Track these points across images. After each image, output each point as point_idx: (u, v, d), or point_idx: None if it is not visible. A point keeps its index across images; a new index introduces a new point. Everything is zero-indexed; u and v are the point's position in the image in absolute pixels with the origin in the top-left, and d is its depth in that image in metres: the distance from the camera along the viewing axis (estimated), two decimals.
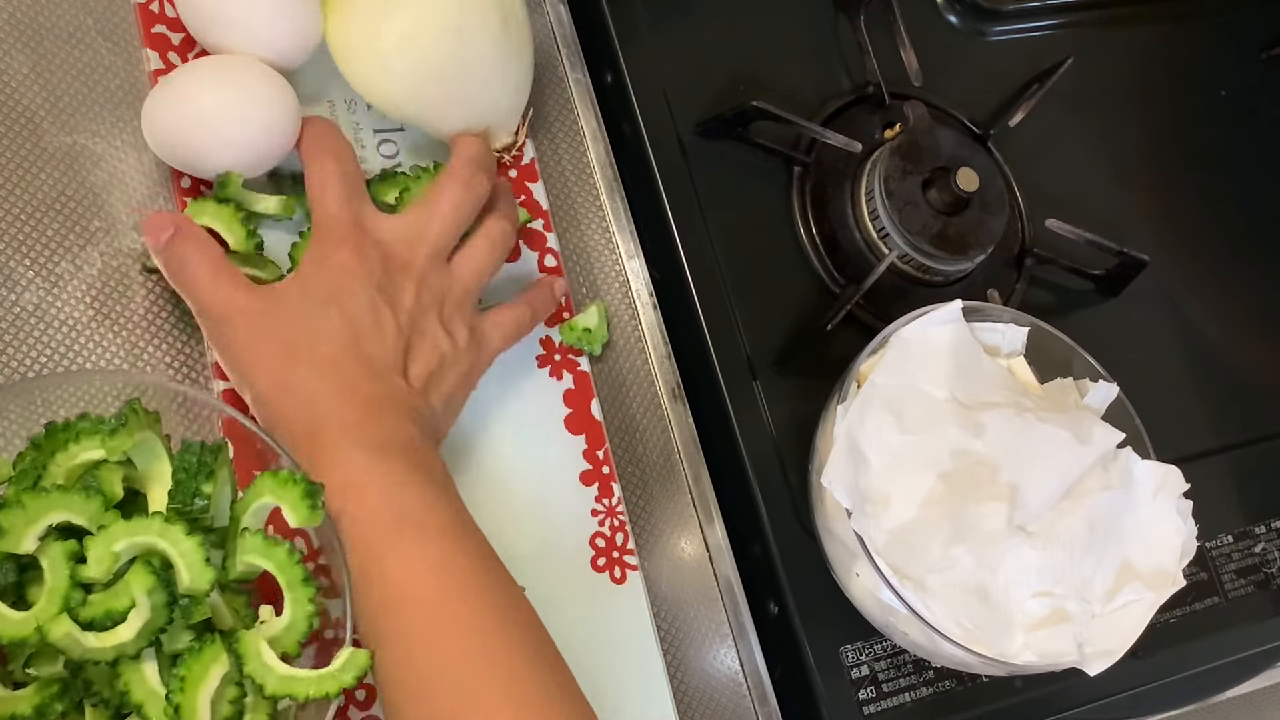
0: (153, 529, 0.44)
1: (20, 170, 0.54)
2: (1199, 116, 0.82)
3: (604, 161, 0.65)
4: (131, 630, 0.43)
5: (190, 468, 0.46)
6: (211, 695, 0.44)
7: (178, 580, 0.44)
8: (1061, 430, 0.55)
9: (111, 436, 0.45)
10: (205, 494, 0.46)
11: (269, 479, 0.46)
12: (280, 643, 0.45)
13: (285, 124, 0.53)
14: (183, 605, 0.44)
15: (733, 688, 0.60)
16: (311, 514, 0.45)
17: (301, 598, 0.46)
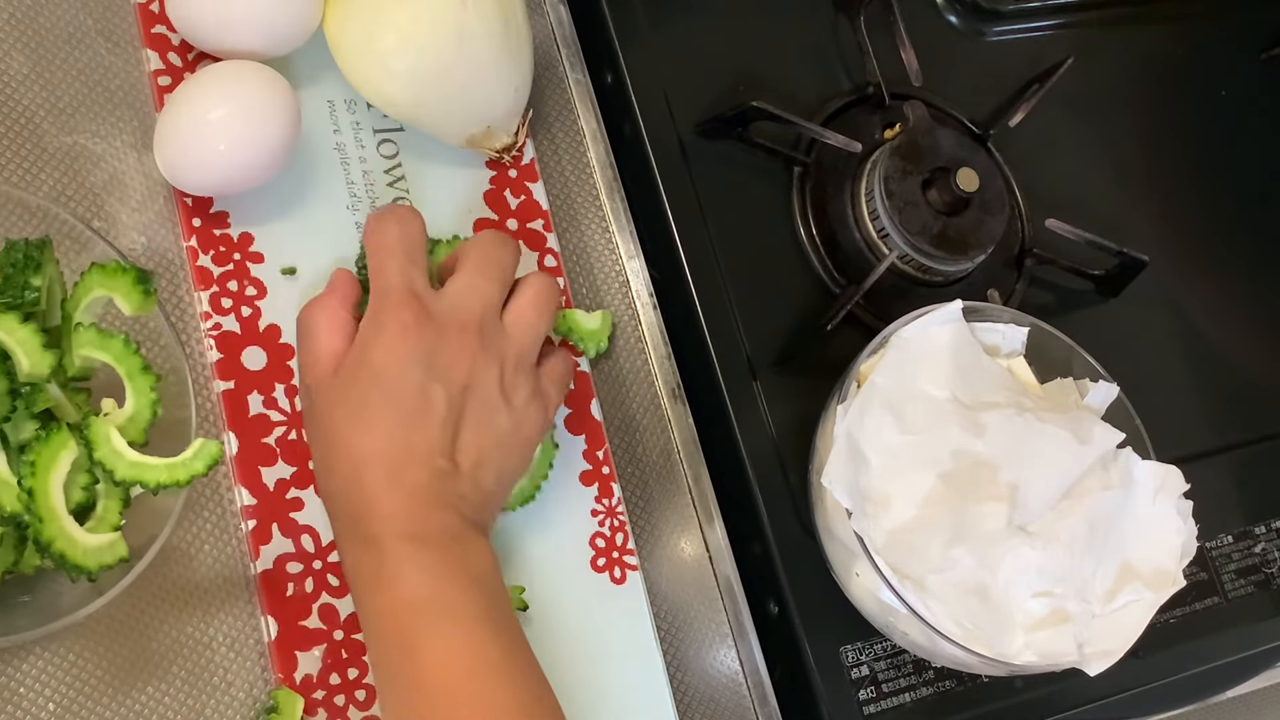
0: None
1: (20, 170, 0.54)
2: (1199, 116, 0.82)
3: (604, 161, 0.65)
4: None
5: (18, 263, 0.46)
6: (63, 481, 0.45)
7: (17, 369, 0.44)
8: (1061, 430, 0.55)
9: None
10: (35, 286, 0.46)
11: (97, 271, 0.46)
12: (127, 431, 0.46)
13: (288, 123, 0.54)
14: (25, 393, 0.45)
15: (733, 688, 0.60)
16: (145, 301, 0.46)
17: (143, 386, 0.46)
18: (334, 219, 0.58)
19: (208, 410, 0.54)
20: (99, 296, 0.47)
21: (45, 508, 0.44)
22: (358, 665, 0.52)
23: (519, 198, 0.62)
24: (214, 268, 0.55)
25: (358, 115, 0.60)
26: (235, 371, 0.54)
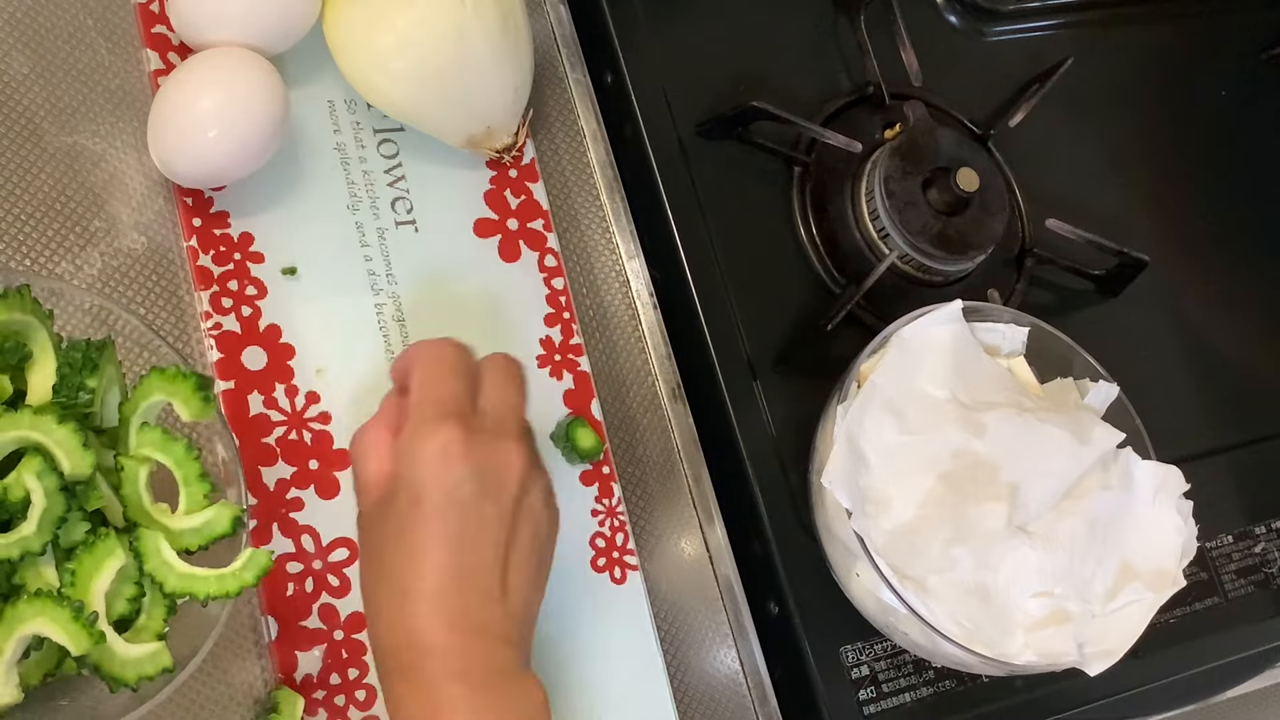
0: (23, 422, 0.43)
1: (20, 170, 0.54)
2: (1199, 116, 0.82)
3: (604, 161, 0.65)
4: (33, 523, 0.43)
5: (75, 362, 0.45)
6: (106, 589, 0.44)
7: (60, 469, 0.43)
8: (1061, 430, 0.55)
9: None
10: (90, 388, 0.45)
11: (157, 375, 0.46)
12: (179, 540, 0.45)
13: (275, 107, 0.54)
14: (79, 491, 0.44)
15: (733, 688, 0.60)
16: (204, 407, 0.45)
17: (197, 494, 0.46)
18: (334, 219, 0.58)
19: None
20: (157, 400, 0.46)
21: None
22: (358, 665, 0.52)
23: (519, 198, 0.62)
24: (214, 268, 0.55)
25: (358, 115, 0.60)
26: (235, 371, 0.54)
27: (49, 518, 0.43)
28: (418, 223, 0.60)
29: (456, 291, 0.60)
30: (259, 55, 0.54)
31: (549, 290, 0.61)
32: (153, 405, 0.47)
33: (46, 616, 0.42)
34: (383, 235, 0.59)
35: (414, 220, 0.60)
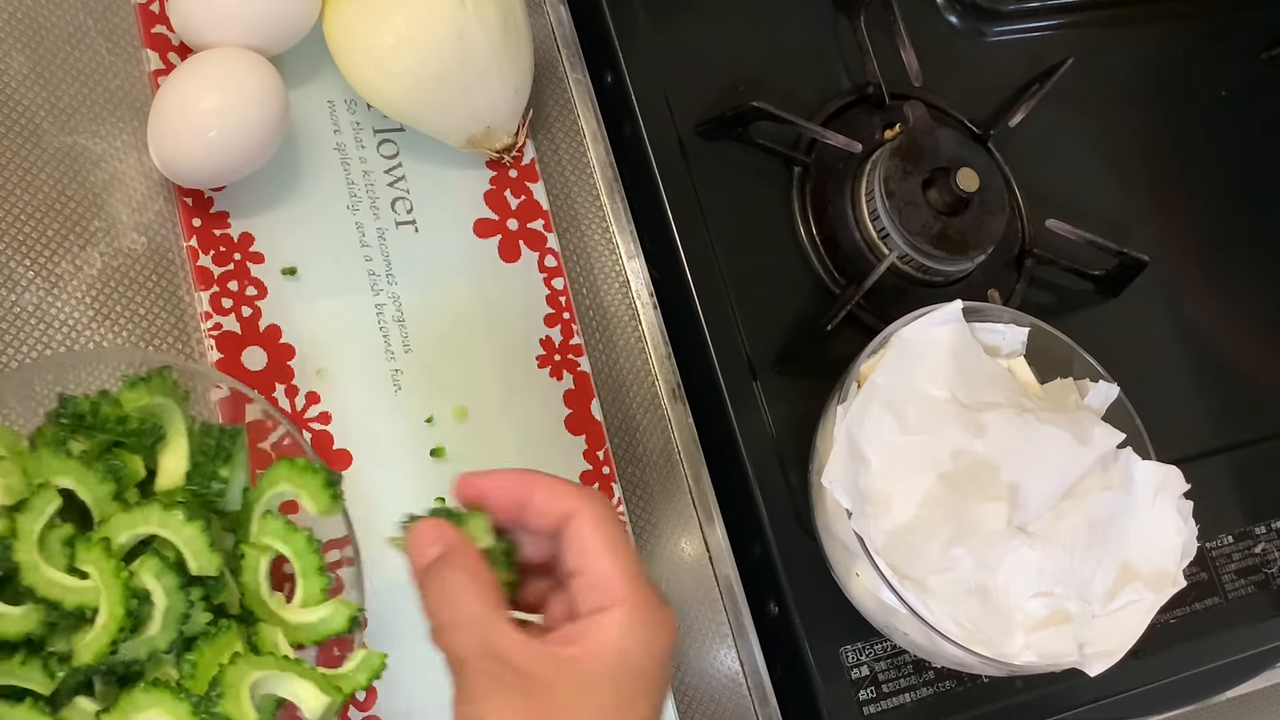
0: (152, 518, 0.43)
1: (20, 170, 0.54)
2: (1199, 116, 0.82)
3: (604, 161, 0.65)
4: (157, 623, 0.43)
5: (209, 450, 0.45)
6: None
7: (185, 566, 0.43)
8: (1062, 430, 0.55)
9: (131, 388, 0.44)
10: (222, 478, 0.45)
11: (286, 466, 0.45)
12: (294, 634, 0.45)
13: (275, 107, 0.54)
14: (208, 585, 0.44)
15: (733, 688, 0.60)
16: (333, 503, 0.45)
17: (315, 588, 0.45)
18: (334, 219, 0.58)
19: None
20: (283, 491, 0.46)
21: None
22: None
23: (519, 198, 0.62)
24: (214, 268, 0.55)
25: (358, 115, 0.60)
26: (235, 371, 0.54)
27: (173, 616, 0.43)
28: (418, 223, 0.60)
29: (456, 291, 0.60)
30: (259, 55, 0.54)
31: (549, 290, 0.61)
32: (277, 495, 0.46)
33: (164, 709, 0.41)
34: (383, 235, 0.59)
35: (414, 220, 0.60)
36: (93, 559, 0.42)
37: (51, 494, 0.43)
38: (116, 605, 0.42)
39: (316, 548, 0.45)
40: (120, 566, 0.42)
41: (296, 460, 0.46)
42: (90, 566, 0.42)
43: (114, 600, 0.42)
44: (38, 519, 0.42)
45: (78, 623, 0.43)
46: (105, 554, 0.42)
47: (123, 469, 0.45)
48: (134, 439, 0.45)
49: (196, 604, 0.44)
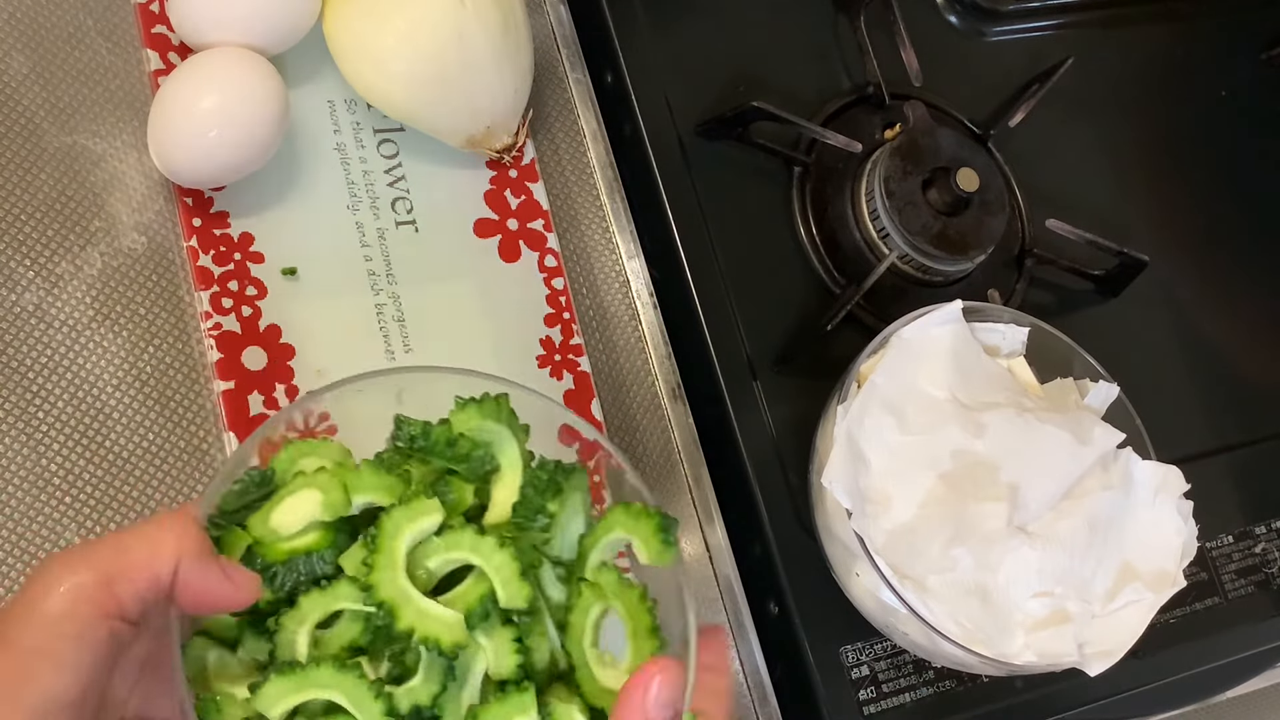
0: (464, 543, 0.40)
1: (20, 170, 0.54)
2: (1199, 116, 0.82)
3: (604, 161, 0.65)
4: (422, 674, 0.40)
5: (539, 483, 0.42)
6: None
7: (498, 597, 0.40)
8: (1062, 430, 0.55)
9: (461, 409, 0.42)
10: (549, 512, 0.42)
11: (621, 510, 0.43)
12: (610, 699, 0.40)
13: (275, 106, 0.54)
14: (520, 625, 0.41)
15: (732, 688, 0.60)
16: (664, 551, 0.41)
17: (644, 650, 0.41)
18: (334, 219, 0.58)
19: (208, 411, 0.54)
20: (619, 537, 0.43)
21: None
22: None
23: (519, 198, 0.62)
24: (214, 268, 0.55)
25: (358, 115, 0.60)
26: (235, 371, 0.54)
27: (440, 667, 0.40)
28: (418, 223, 0.60)
29: (456, 291, 0.60)
30: (259, 55, 0.54)
31: (549, 290, 0.61)
32: (614, 541, 0.43)
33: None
34: (383, 235, 0.59)
35: (414, 220, 0.60)
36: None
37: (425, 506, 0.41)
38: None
39: (651, 606, 0.41)
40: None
41: (632, 505, 0.42)
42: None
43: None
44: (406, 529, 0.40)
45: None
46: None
47: (449, 494, 0.42)
48: (464, 465, 0.43)
49: (504, 646, 0.40)
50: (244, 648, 0.40)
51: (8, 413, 0.51)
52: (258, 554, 0.40)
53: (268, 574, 0.40)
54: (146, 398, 0.53)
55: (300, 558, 0.41)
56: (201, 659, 0.40)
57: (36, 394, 0.52)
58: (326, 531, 0.41)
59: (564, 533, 0.43)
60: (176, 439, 0.53)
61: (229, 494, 0.40)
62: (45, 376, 0.52)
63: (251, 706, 0.38)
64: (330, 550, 0.41)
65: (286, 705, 0.38)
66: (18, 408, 0.51)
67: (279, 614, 0.40)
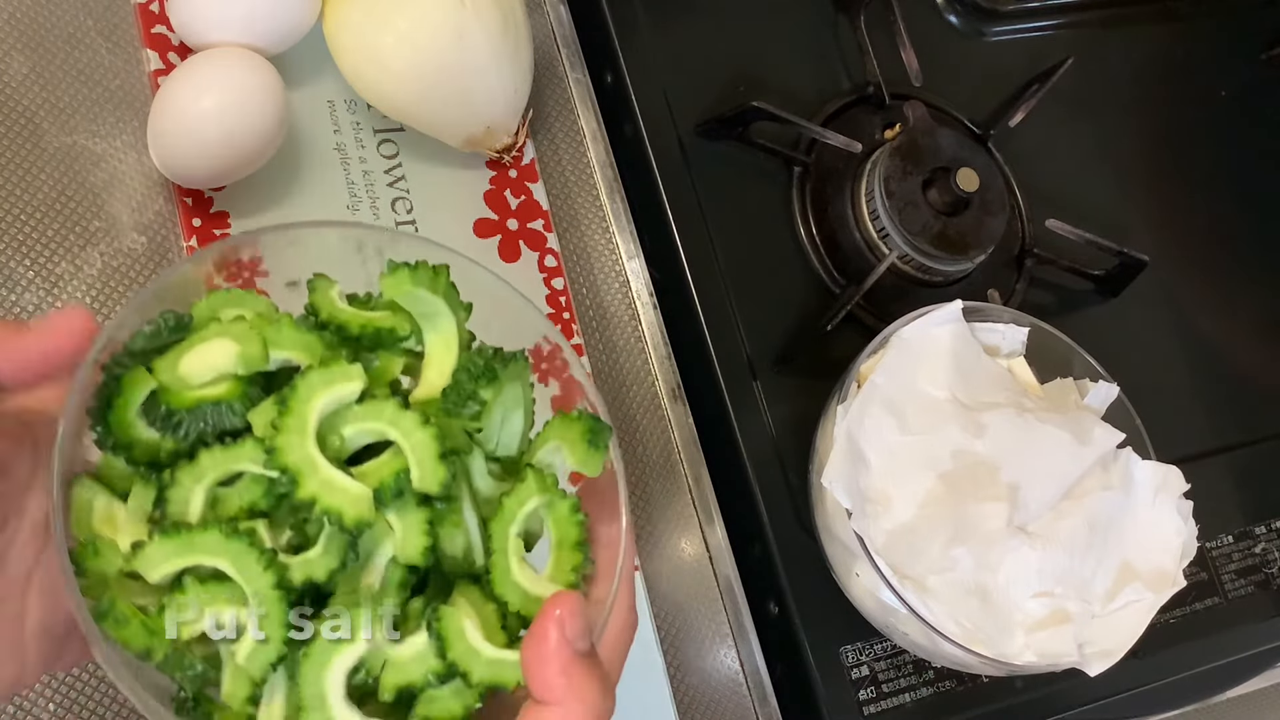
0: (384, 414, 0.37)
1: (20, 171, 0.54)
2: (1199, 116, 0.82)
3: (604, 161, 0.65)
4: (320, 547, 0.37)
5: (474, 369, 0.39)
6: (515, 537, 0.38)
7: (412, 478, 0.37)
8: (1062, 431, 0.55)
9: (393, 271, 0.39)
10: (480, 399, 0.38)
11: (558, 419, 0.40)
12: (529, 606, 0.38)
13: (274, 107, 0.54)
14: (432, 509, 0.37)
15: (733, 688, 0.60)
16: (589, 455, 0.39)
17: (566, 564, 0.39)
18: (334, 218, 0.58)
19: None
20: (554, 445, 0.40)
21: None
22: None
23: (519, 198, 0.62)
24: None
25: (358, 115, 0.60)
26: None
27: (341, 543, 0.37)
28: (418, 223, 0.60)
29: None
30: (259, 55, 0.54)
31: (549, 290, 0.61)
32: (553, 449, 0.40)
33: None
34: None
35: (414, 220, 0.60)
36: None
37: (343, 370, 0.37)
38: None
39: (581, 520, 0.39)
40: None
41: (569, 414, 0.40)
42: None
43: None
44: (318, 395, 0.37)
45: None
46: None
47: (374, 361, 0.39)
48: (385, 337, 0.40)
49: (414, 528, 0.37)
50: (133, 497, 0.37)
51: None
52: (161, 401, 0.37)
53: (171, 421, 0.37)
54: None
55: (209, 406, 0.37)
56: (89, 503, 0.37)
57: None
58: (238, 384, 0.38)
59: (500, 426, 0.40)
60: None
61: (139, 334, 0.37)
62: None
63: (130, 565, 0.35)
64: (241, 403, 0.37)
65: (168, 569, 0.35)
66: None
67: (175, 467, 0.37)
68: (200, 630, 0.36)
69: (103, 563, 0.35)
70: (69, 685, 0.48)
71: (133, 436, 0.37)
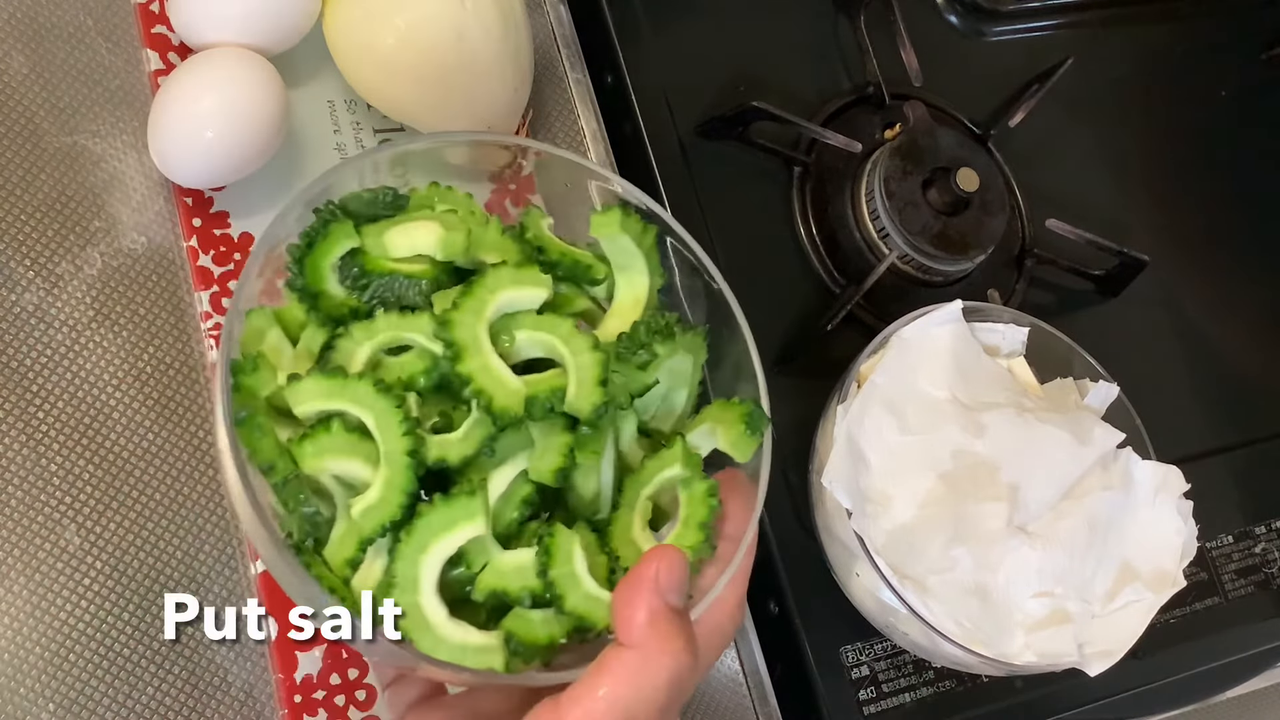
0: (559, 329, 0.38)
1: (20, 170, 0.54)
2: (1199, 116, 0.82)
3: (604, 161, 0.65)
4: (462, 432, 0.38)
5: (654, 324, 0.39)
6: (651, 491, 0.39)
7: (567, 396, 0.38)
8: (1062, 431, 0.55)
9: (605, 213, 0.40)
10: (654, 351, 0.39)
11: (719, 403, 0.40)
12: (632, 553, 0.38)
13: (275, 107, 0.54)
14: (579, 434, 0.38)
15: (733, 688, 0.60)
16: (742, 439, 0.39)
17: (687, 539, 0.38)
18: None
19: (208, 411, 0.54)
20: (708, 428, 0.41)
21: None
22: (358, 665, 0.52)
23: (517, 208, 0.62)
24: (214, 268, 0.55)
25: (358, 115, 0.60)
26: None
27: (482, 434, 0.37)
28: None
29: None
30: (259, 55, 0.54)
31: None
32: (705, 432, 0.41)
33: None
34: None
35: None
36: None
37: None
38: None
39: (714, 505, 0.38)
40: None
41: (731, 400, 0.40)
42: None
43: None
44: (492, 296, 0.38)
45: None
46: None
47: (562, 288, 0.41)
48: (581, 272, 0.41)
49: (553, 446, 0.38)
50: (304, 338, 0.39)
51: (8, 413, 0.51)
52: (358, 261, 0.39)
53: (361, 281, 0.38)
54: (146, 398, 0.53)
55: (400, 277, 0.39)
56: (260, 331, 0.38)
57: (36, 394, 0.52)
58: (432, 267, 0.39)
59: (661, 399, 0.41)
60: (176, 439, 0.53)
61: (356, 195, 0.39)
62: (45, 376, 0.52)
63: (281, 394, 0.36)
64: (429, 283, 0.39)
65: (316, 406, 0.36)
66: (18, 408, 0.51)
67: (350, 322, 0.38)
68: (327, 469, 0.36)
69: (258, 381, 0.36)
70: (69, 685, 0.48)
71: (321, 287, 0.39)
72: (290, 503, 0.36)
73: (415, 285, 0.39)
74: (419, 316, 0.38)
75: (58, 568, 0.50)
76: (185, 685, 0.50)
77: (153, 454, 0.53)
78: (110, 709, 0.49)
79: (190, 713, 0.50)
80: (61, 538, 0.50)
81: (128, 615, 0.50)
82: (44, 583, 0.49)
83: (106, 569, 0.50)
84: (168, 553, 0.51)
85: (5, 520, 0.50)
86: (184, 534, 0.52)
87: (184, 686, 0.50)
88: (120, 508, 0.51)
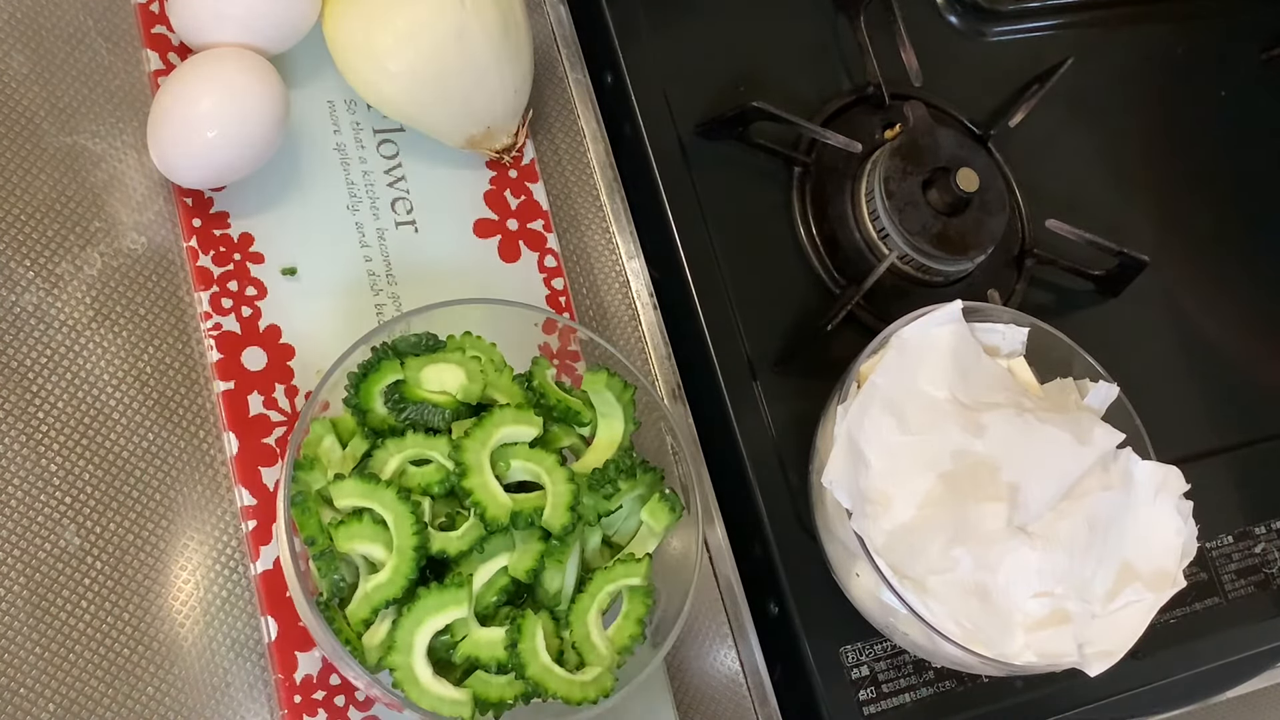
0: (544, 461, 0.49)
1: (20, 170, 0.54)
2: (1199, 116, 0.82)
3: (604, 161, 0.65)
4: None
5: (622, 464, 0.50)
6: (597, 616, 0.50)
7: (544, 514, 0.49)
8: (1061, 431, 0.55)
9: (594, 371, 0.52)
10: (618, 486, 0.50)
11: (657, 501, 0.52)
12: (590, 658, 0.49)
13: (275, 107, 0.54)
14: (551, 546, 0.49)
15: (733, 688, 0.60)
16: (662, 513, 0.52)
17: (624, 633, 0.50)
18: (334, 219, 0.58)
19: (208, 411, 0.54)
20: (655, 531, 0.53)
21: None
22: None
23: (519, 198, 0.62)
24: (214, 268, 0.55)
25: (358, 115, 0.60)
26: (235, 372, 0.54)
27: (476, 535, 0.49)
28: (418, 223, 0.60)
29: (456, 292, 0.60)
30: (259, 55, 0.54)
31: (549, 290, 0.61)
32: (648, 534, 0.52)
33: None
34: (383, 235, 0.59)
35: (414, 220, 0.60)
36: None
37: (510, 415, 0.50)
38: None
39: (650, 603, 0.50)
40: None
41: (664, 497, 0.52)
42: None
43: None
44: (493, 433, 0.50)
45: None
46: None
47: (552, 429, 0.52)
48: (571, 415, 0.52)
49: (529, 550, 0.49)
50: (351, 445, 0.50)
51: (8, 413, 0.51)
52: (400, 389, 0.50)
53: (399, 405, 0.50)
54: (146, 398, 0.53)
55: (429, 405, 0.50)
56: (320, 436, 0.50)
57: (36, 394, 0.52)
58: (454, 400, 0.50)
59: (623, 516, 0.52)
60: (176, 439, 0.53)
61: (404, 338, 0.51)
62: (45, 376, 0.52)
63: (328, 489, 0.48)
64: (451, 413, 0.50)
65: (351, 502, 0.48)
66: (18, 408, 0.51)
67: (386, 436, 0.50)
68: (355, 549, 0.47)
69: (311, 477, 0.48)
70: (69, 686, 0.48)
71: (370, 405, 0.50)
72: (324, 569, 0.47)
73: (440, 413, 0.50)
74: (440, 439, 0.50)
75: (58, 568, 0.50)
76: (185, 685, 0.50)
77: (153, 454, 0.53)
78: (110, 709, 0.49)
79: (190, 713, 0.50)
80: (61, 538, 0.50)
81: (128, 615, 0.50)
82: (44, 583, 0.49)
83: (106, 569, 0.50)
84: (168, 553, 0.51)
85: (5, 520, 0.50)
86: (184, 534, 0.52)
87: (184, 686, 0.50)
88: (120, 508, 0.51)
